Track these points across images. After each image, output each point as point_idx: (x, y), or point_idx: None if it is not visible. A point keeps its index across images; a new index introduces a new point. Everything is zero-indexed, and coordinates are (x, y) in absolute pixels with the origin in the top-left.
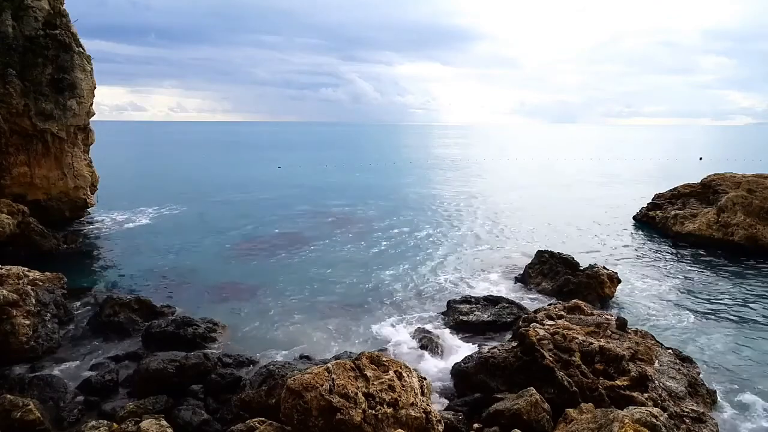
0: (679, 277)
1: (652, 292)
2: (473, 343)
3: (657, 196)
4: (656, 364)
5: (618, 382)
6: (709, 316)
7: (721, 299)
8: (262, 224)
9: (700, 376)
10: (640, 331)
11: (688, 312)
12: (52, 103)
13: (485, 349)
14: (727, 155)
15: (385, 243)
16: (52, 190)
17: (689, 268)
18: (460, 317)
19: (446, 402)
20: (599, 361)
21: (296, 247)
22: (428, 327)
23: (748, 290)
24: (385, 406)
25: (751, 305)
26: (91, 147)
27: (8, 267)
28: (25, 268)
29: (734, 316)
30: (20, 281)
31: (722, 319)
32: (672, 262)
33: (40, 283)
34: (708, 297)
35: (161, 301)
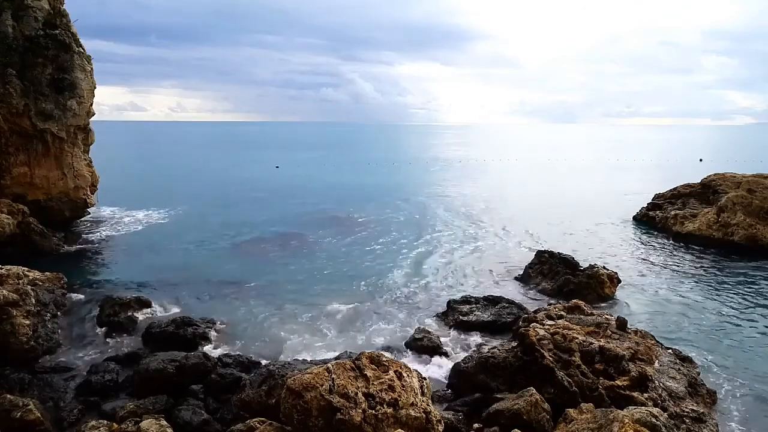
0: (679, 277)
1: (652, 292)
2: (473, 343)
3: (657, 196)
4: (656, 364)
5: (618, 382)
6: (709, 315)
7: (721, 299)
8: (261, 224)
9: (700, 376)
10: (640, 331)
11: (688, 312)
12: (52, 103)
13: (485, 349)
14: (727, 155)
15: (384, 243)
16: (52, 190)
17: (689, 268)
18: (460, 317)
19: (446, 402)
20: (599, 361)
21: (296, 247)
22: (428, 327)
23: (748, 290)
24: (385, 406)
25: (751, 305)
26: (91, 147)
27: (8, 267)
28: (25, 268)
29: (734, 315)
30: (20, 281)
31: (722, 319)
32: (672, 262)
33: (40, 283)
34: (708, 297)
35: (161, 301)
